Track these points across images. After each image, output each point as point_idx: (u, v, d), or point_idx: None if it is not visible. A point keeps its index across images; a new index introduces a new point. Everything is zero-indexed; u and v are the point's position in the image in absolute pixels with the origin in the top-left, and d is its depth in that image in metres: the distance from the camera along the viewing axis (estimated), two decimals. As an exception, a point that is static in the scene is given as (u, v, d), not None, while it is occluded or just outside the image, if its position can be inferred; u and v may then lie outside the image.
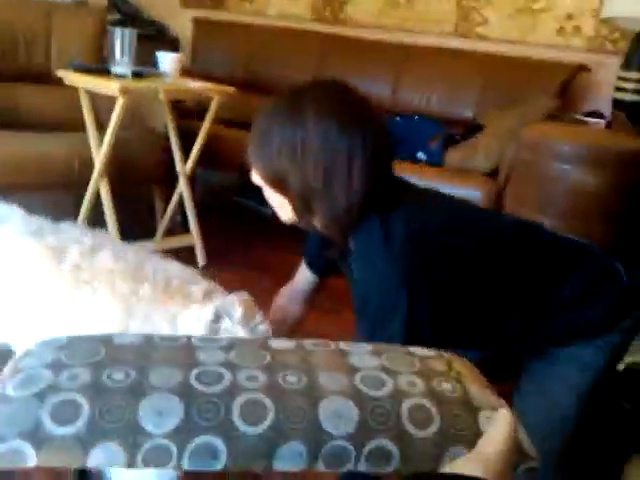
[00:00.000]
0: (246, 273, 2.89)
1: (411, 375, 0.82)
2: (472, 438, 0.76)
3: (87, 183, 2.70)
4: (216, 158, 3.45)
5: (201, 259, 2.91)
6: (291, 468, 0.73)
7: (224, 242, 3.26)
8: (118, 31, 2.48)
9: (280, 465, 0.72)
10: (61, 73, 2.68)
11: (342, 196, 1.22)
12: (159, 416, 0.71)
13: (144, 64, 2.82)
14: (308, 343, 0.89)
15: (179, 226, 3.03)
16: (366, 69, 3.76)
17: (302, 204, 1.26)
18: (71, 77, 2.63)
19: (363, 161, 1.20)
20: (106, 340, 0.82)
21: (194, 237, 2.90)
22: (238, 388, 0.75)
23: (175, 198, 2.95)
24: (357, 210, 1.23)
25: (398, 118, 3.50)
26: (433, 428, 0.76)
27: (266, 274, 2.89)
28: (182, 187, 2.90)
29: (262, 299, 2.61)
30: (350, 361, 0.83)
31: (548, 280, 1.36)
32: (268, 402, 0.74)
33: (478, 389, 0.82)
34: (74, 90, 2.66)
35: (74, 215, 2.79)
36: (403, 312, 1.22)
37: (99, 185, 2.65)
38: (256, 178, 1.31)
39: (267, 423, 0.73)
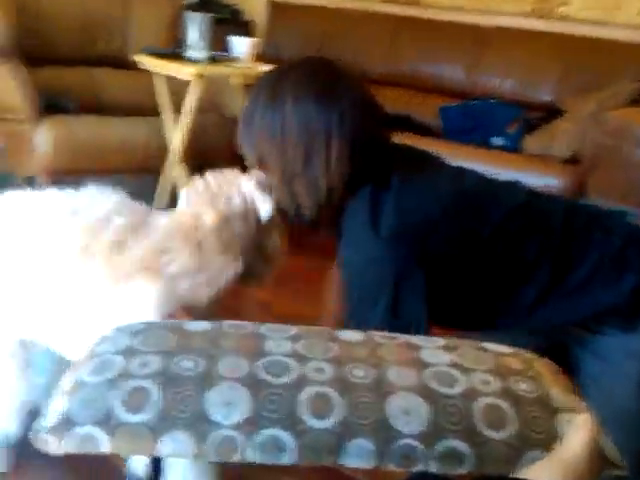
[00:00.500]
0: (318, 259, 2.88)
1: (485, 373, 0.78)
2: (550, 442, 0.72)
3: (164, 167, 2.75)
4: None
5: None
6: (359, 465, 0.71)
7: (303, 230, 3.25)
8: (194, 15, 2.50)
9: (348, 461, 0.71)
10: (137, 58, 2.73)
11: (322, 178, 1.20)
12: (227, 407, 0.71)
13: (218, 48, 2.85)
14: (377, 335, 0.87)
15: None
16: (440, 52, 3.67)
17: (286, 187, 1.25)
18: (146, 61, 2.67)
19: (342, 141, 1.18)
20: (177, 327, 0.83)
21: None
22: (305, 380, 0.74)
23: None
24: (340, 192, 1.21)
25: (474, 102, 3.41)
26: (509, 430, 0.73)
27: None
28: (253, 171, 2.92)
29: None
30: (420, 356, 0.81)
31: (561, 260, 1.26)
32: (335, 396, 0.73)
33: (558, 390, 0.78)
34: (150, 75, 2.71)
35: (150, 199, 2.85)
36: (388, 296, 1.18)
37: (175, 169, 2.70)
38: (245, 159, 1.31)
39: (334, 418, 0.71)
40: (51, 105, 2.79)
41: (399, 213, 1.18)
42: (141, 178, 3.15)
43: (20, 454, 1.50)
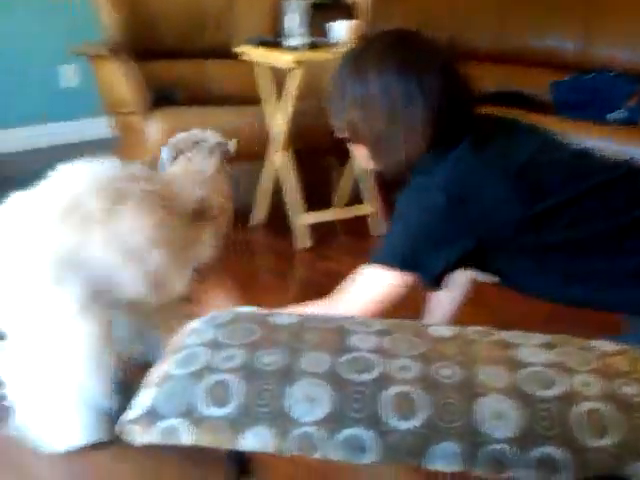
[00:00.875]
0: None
1: (586, 374, 0.73)
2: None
3: (267, 154, 2.79)
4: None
5: (377, 228, 2.89)
6: (444, 468, 0.68)
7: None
8: (292, 3, 2.50)
9: (432, 464, 0.68)
10: (240, 49, 2.77)
11: (403, 142, 1.29)
12: (308, 403, 0.70)
13: (319, 34, 2.83)
14: (470, 331, 0.83)
15: (357, 196, 3.03)
16: (551, 24, 3.46)
17: (373, 152, 1.35)
18: (248, 52, 2.71)
19: (421, 106, 1.26)
20: (262, 320, 0.83)
21: (368, 207, 2.89)
22: (389, 379, 0.71)
23: (350, 168, 2.95)
24: (419, 152, 1.29)
25: (589, 76, 3.20)
26: (611, 438, 0.67)
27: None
28: (356, 156, 2.90)
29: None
30: (515, 354, 0.76)
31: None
32: (421, 396, 0.70)
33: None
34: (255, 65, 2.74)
35: (254, 186, 2.91)
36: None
37: (277, 156, 2.73)
38: (336, 131, 1.42)
39: (419, 419, 0.69)
40: (161, 97, 2.89)
41: (456, 170, 1.25)
42: (246, 165, 3.22)
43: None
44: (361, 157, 1.43)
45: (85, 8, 3.28)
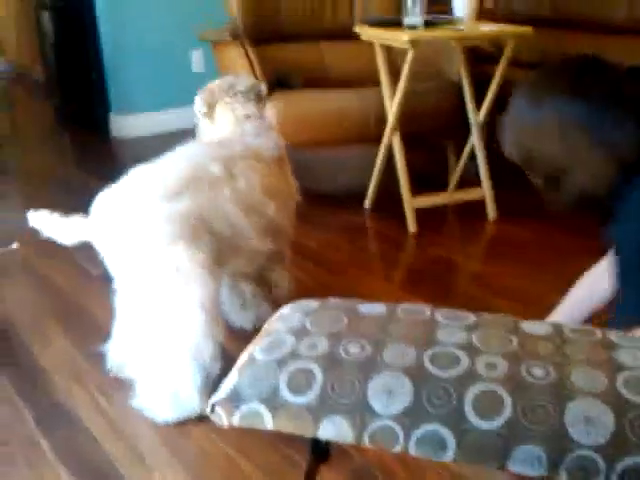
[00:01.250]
0: (542, 230, 2.72)
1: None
2: None
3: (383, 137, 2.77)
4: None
5: (492, 213, 2.80)
6: (527, 472, 0.66)
7: (521, 197, 3.10)
8: (410, -19, 2.45)
9: (514, 467, 0.66)
10: (357, 29, 2.76)
11: (586, 176, 1.23)
12: (389, 395, 0.70)
13: (444, 10, 2.77)
14: (569, 329, 0.79)
15: (474, 178, 2.95)
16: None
17: (549, 182, 1.30)
18: (366, 32, 2.69)
19: (603, 141, 1.20)
20: (350, 308, 0.83)
21: (485, 190, 2.80)
22: (474, 376, 0.69)
23: (467, 149, 2.87)
24: (608, 186, 1.22)
25: None
26: None
27: (559, 231, 2.68)
28: (474, 138, 2.81)
29: (560, 258, 2.46)
30: (615, 356, 0.71)
31: None
32: (505, 395, 0.67)
33: None
34: (373, 45, 2.72)
35: (371, 168, 2.90)
36: None
37: (392, 138, 2.70)
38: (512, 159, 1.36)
39: (502, 419, 0.66)
40: (280, 82, 2.95)
41: None
42: (362, 148, 3.22)
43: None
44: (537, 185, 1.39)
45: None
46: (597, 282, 1.64)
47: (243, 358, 0.78)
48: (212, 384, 1.57)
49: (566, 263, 2.39)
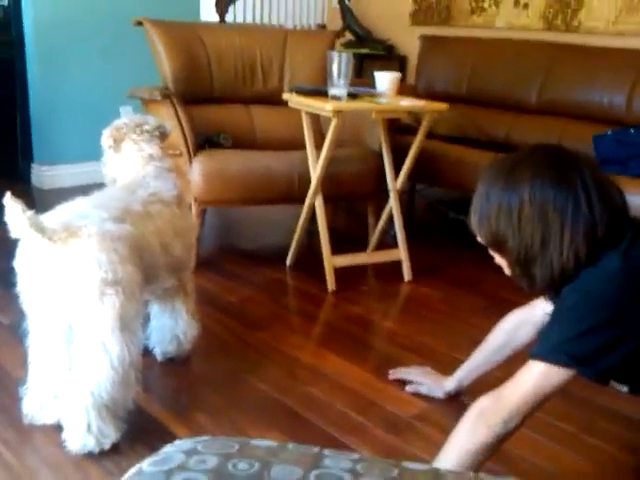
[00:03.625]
0: (451, 290, 2.86)
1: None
2: None
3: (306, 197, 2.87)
4: (435, 174, 3.46)
5: (407, 274, 2.93)
6: None
7: (434, 258, 3.25)
8: (335, 54, 2.61)
9: None
10: (285, 96, 2.89)
11: (557, 259, 1.28)
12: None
13: (369, 83, 2.94)
14: (445, 471, 0.85)
15: (391, 241, 3.08)
16: (598, 78, 3.49)
17: (519, 267, 1.35)
18: (293, 99, 2.82)
19: (577, 225, 1.26)
20: (243, 440, 0.87)
21: (401, 252, 2.93)
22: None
23: (386, 213, 3.01)
24: (573, 268, 1.28)
25: (632, 130, 3.20)
26: None
27: (472, 292, 2.82)
28: (392, 203, 2.96)
29: (466, 316, 2.59)
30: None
31: None
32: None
33: None
34: (300, 111, 2.86)
35: (293, 226, 2.99)
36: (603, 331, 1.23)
37: (315, 200, 2.81)
38: (479, 239, 1.41)
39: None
40: (208, 141, 3.03)
41: (625, 259, 1.24)
42: (286, 208, 3.31)
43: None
44: (505, 267, 1.43)
45: (146, 57, 3.47)
46: (515, 333, 1.76)
47: (131, 471, 0.81)
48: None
49: (470, 322, 2.53)
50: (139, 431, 1.74)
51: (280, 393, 1.34)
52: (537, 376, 1.26)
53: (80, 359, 1.63)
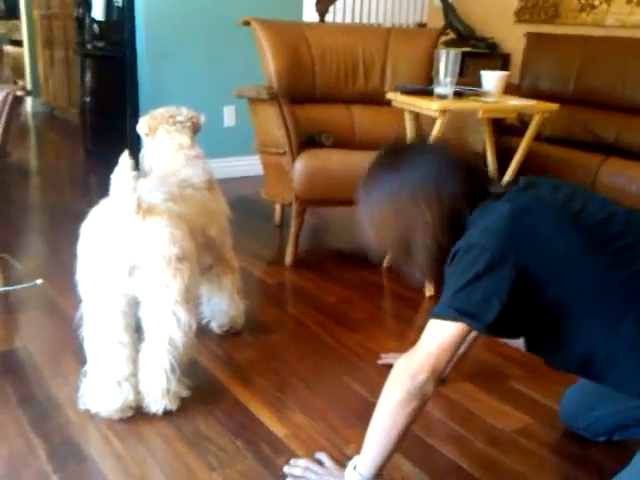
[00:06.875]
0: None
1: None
2: None
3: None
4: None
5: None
6: None
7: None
8: (442, 52, 2.55)
9: None
10: (389, 95, 2.86)
11: (428, 240, 1.37)
12: None
13: (473, 83, 2.86)
14: None
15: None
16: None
17: (404, 256, 1.44)
18: (397, 98, 2.79)
19: (434, 205, 1.35)
20: None
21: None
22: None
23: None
24: (448, 244, 1.34)
25: None
26: None
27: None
28: (495, 207, 2.86)
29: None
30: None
31: None
32: None
33: None
34: (402, 111, 2.81)
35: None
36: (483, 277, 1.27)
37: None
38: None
39: None
40: (311, 140, 3.03)
41: (512, 209, 1.30)
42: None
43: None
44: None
45: (249, 56, 3.52)
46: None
47: None
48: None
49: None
50: (241, 426, 1.76)
51: (377, 397, 1.33)
52: (435, 333, 1.32)
53: (154, 329, 1.74)
